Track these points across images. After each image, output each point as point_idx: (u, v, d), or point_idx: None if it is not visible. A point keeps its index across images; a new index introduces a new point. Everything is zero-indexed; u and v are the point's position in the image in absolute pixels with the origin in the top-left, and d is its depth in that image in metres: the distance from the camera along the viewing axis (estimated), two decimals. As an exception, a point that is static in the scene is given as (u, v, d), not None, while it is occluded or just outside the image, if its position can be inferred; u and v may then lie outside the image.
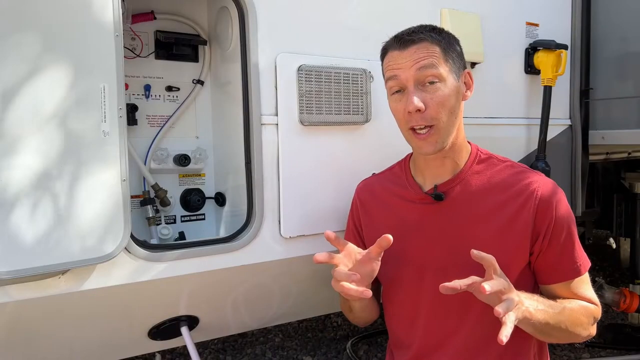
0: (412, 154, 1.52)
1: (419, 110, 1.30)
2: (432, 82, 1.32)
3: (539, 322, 1.24)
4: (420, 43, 1.32)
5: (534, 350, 1.43)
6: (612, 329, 3.29)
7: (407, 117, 1.34)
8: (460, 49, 1.41)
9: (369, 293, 1.24)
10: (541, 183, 1.36)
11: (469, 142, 1.47)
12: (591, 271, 1.42)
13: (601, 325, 3.41)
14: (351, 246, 1.33)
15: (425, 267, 1.40)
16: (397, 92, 1.36)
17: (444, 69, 1.32)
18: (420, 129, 1.34)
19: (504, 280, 1.19)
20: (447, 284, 1.14)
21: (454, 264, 1.33)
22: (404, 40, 1.34)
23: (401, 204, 1.47)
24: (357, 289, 1.24)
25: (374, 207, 1.54)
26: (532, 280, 1.41)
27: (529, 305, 1.23)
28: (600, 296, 3.06)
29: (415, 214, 1.44)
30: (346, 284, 1.24)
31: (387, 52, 1.38)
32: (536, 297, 1.29)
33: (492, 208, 1.37)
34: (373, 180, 1.60)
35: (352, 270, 1.29)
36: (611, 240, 3.57)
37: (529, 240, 1.34)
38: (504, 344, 1.08)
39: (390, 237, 1.27)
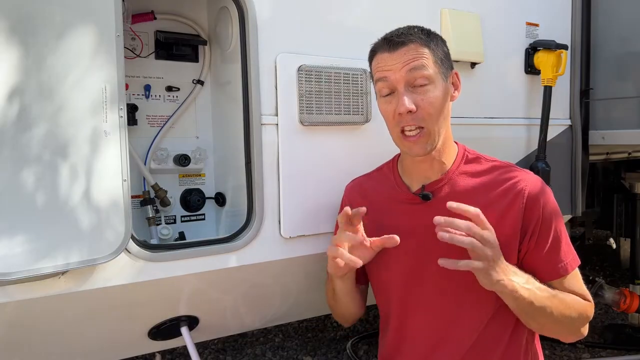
0: (399, 154, 1.53)
1: (410, 111, 1.31)
2: (422, 84, 1.32)
3: (522, 298, 1.25)
4: (410, 45, 1.33)
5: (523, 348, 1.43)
6: (613, 329, 3.30)
7: (398, 119, 1.35)
8: (448, 49, 1.41)
9: (359, 263, 1.31)
10: (529, 181, 1.37)
11: (455, 142, 1.48)
12: (590, 270, 1.42)
13: (601, 325, 3.42)
14: (358, 228, 1.37)
15: (414, 267, 1.40)
16: (386, 94, 1.37)
17: (433, 70, 1.33)
18: (411, 130, 1.35)
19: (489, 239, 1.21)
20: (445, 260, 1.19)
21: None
22: (393, 42, 1.34)
23: (390, 205, 1.48)
24: (350, 257, 1.31)
25: (363, 206, 1.53)
26: None
27: (515, 279, 1.24)
28: (600, 296, 3.07)
29: (404, 215, 1.44)
30: (341, 251, 1.31)
31: (376, 54, 1.39)
32: (527, 275, 1.30)
33: (481, 207, 1.35)
34: (362, 180, 1.61)
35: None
36: (611, 240, 3.58)
37: (518, 239, 1.35)
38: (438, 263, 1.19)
39: (397, 238, 1.33)
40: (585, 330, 1.41)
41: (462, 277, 1.27)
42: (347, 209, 1.32)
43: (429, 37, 1.36)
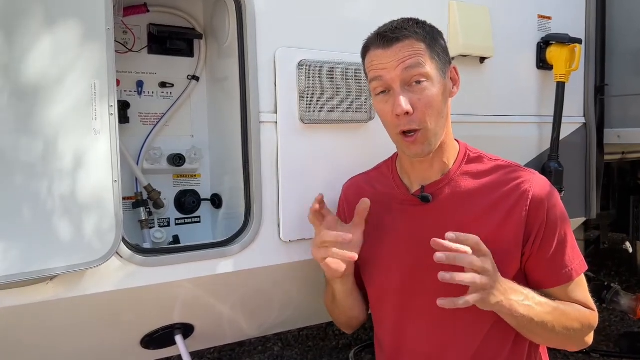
0: (398, 153, 1.52)
1: (407, 113, 1.30)
2: (418, 82, 1.30)
3: (521, 316, 1.25)
4: (405, 40, 1.30)
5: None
6: (628, 337, 3.29)
7: (396, 121, 1.33)
8: (445, 43, 1.40)
9: (355, 256, 1.32)
10: (533, 182, 1.36)
11: (457, 141, 1.47)
12: (606, 276, 1.42)
13: (617, 333, 3.41)
14: (332, 218, 1.43)
15: (412, 272, 1.40)
16: (382, 92, 1.35)
17: (430, 67, 1.31)
18: (409, 131, 1.34)
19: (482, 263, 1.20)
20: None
21: (443, 269, 1.32)
22: (387, 38, 1.32)
23: (388, 205, 1.47)
24: (344, 253, 1.32)
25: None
26: (527, 285, 1.40)
27: (513, 298, 1.24)
28: (615, 303, 3.07)
29: (402, 216, 1.44)
30: (332, 250, 1.32)
31: (369, 51, 1.37)
32: (527, 290, 1.29)
33: (483, 209, 1.36)
34: (360, 179, 1.61)
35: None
36: (627, 244, 3.58)
37: (521, 243, 1.34)
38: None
39: (367, 200, 1.37)
40: (589, 339, 1.40)
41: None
42: (316, 205, 1.39)
43: (425, 31, 1.34)
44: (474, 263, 1.17)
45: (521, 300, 1.25)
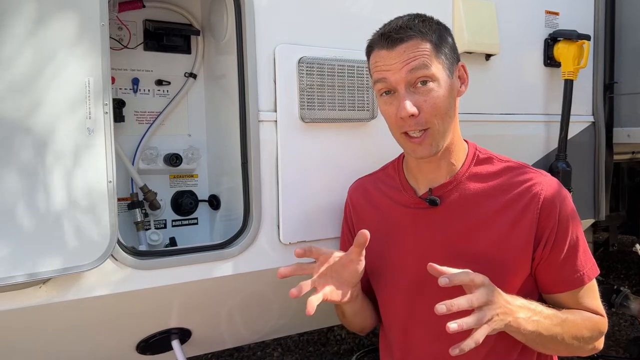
0: (404, 154, 1.52)
1: (412, 115, 1.29)
2: (424, 83, 1.30)
3: (530, 332, 1.24)
4: (409, 41, 1.30)
5: None
6: (638, 342, 3.28)
7: (400, 123, 1.33)
8: (453, 40, 1.39)
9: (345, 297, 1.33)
10: (544, 184, 1.35)
11: (465, 141, 1.46)
12: (615, 279, 1.42)
13: (626, 338, 3.41)
14: (326, 252, 1.36)
15: (420, 276, 1.39)
16: (386, 93, 1.35)
17: (436, 68, 1.31)
18: (414, 132, 1.33)
19: (482, 294, 1.17)
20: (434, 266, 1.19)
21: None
22: (391, 38, 1.31)
23: (394, 208, 1.47)
24: (328, 298, 1.32)
25: (367, 209, 1.54)
26: (537, 289, 1.40)
27: (520, 316, 1.22)
28: (625, 307, 3.06)
29: (409, 219, 1.44)
30: (314, 299, 1.30)
31: (373, 51, 1.36)
32: (534, 305, 1.28)
33: (493, 212, 1.36)
34: (365, 180, 1.61)
35: (332, 275, 1.35)
36: (637, 246, 3.56)
37: (532, 247, 1.33)
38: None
39: (367, 232, 1.30)
40: (600, 344, 1.40)
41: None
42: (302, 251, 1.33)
43: (430, 30, 1.33)
44: (473, 303, 1.15)
45: (529, 317, 1.24)
